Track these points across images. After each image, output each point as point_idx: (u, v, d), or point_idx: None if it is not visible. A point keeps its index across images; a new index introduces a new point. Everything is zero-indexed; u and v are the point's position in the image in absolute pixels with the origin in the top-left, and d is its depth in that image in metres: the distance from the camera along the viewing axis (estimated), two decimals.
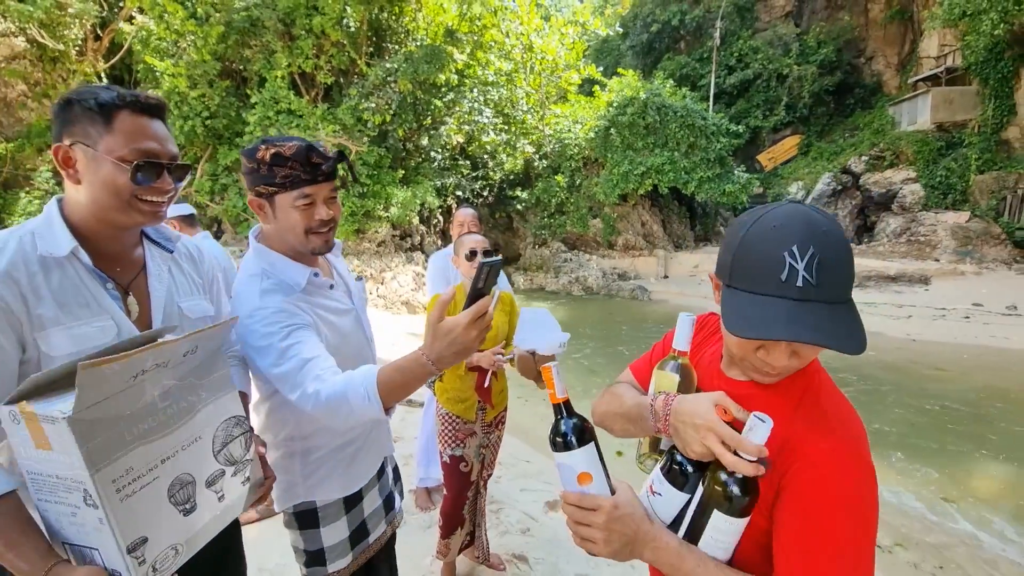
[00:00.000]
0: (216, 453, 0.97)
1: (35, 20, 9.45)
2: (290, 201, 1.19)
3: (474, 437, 2.25)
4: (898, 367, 6.84)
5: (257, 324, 1.16)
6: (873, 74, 18.81)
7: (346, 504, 1.40)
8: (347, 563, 1.41)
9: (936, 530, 3.36)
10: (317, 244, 1.25)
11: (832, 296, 0.70)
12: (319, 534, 1.38)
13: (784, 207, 0.76)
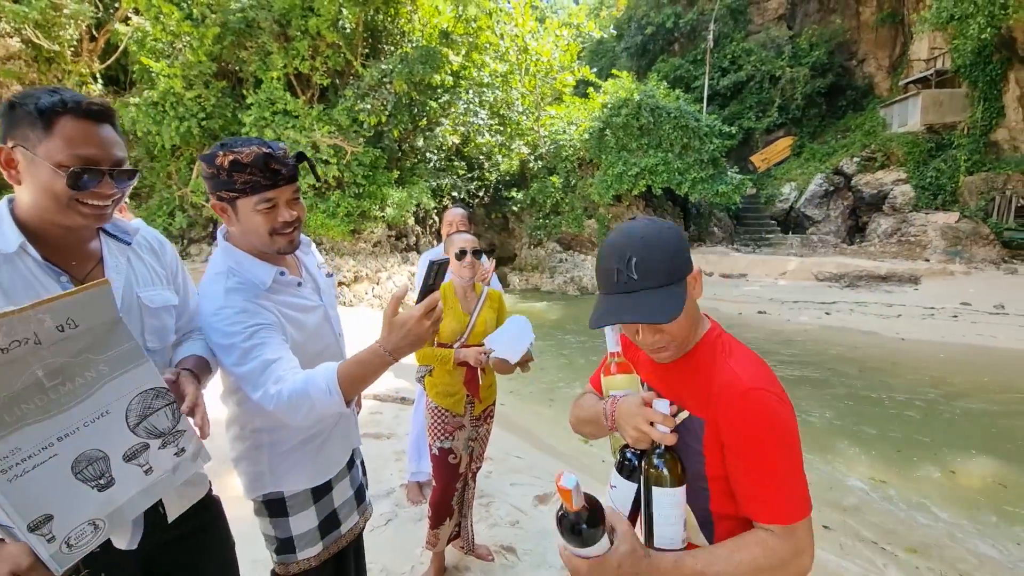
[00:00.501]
0: (133, 427, 0.96)
1: (30, 21, 9.47)
2: (251, 205, 1.21)
3: (463, 430, 2.32)
4: (884, 365, 6.94)
5: (221, 323, 1.18)
6: (864, 76, 18.99)
7: (314, 494, 1.42)
8: (318, 551, 1.42)
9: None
10: (282, 244, 1.27)
11: (654, 283, 0.94)
12: (288, 522, 1.39)
13: (622, 225, 1.00)
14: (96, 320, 0.91)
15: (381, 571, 2.38)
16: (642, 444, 0.96)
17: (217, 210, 1.26)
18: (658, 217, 1.06)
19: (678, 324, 0.96)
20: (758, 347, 8.13)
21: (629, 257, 0.94)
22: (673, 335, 0.97)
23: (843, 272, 12.45)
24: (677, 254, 0.96)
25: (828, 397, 5.71)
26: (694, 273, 0.99)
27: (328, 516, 1.45)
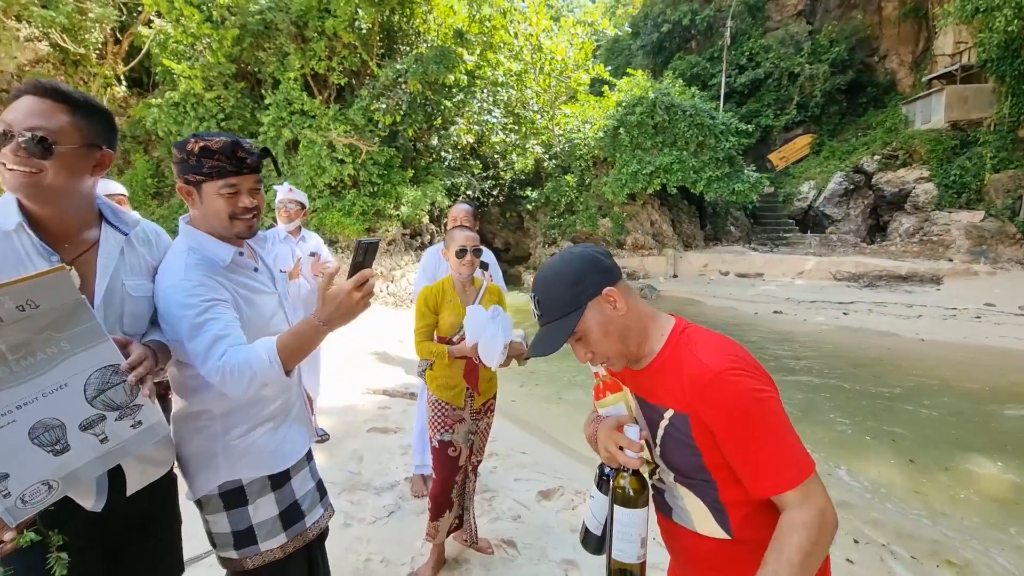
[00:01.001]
0: (91, 399, 1.03)
1: (57, 25, 9.76)
2: (215, 189, 1.29)
3: (463, 423, 2.35)
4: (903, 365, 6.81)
5: (177, 295, 1.23)
6: (887, 72, 18.58)
7: (272, 482, 1.41)
8: (281, 543, 1.40)
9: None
10: (240, 228, 1.34)
11: (549, 318, 1.06)
12: (247, 512, 1.38)
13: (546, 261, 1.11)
14: (57, 301, 0.98)
15: (382, 561, 2.43)
16: (613, 464, 1.05)
17: (183, 193, 1.33)
18: (590, 244, 1.14)
19: (602, 342, 1.06)
20: (771, 347, 8.04)
21: (534, 295, 1.08)
22: (603, 352, 1.07)
23: (862, 272, 12.22)
24: (577, 283, 1.04)
25: (842, 398, 5.62)
26: (606, 293, 1.04)
27: (290, 507, 1.44)
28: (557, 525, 2.88)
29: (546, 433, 4.65)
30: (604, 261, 1.07)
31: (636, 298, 1.11)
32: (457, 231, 2.35)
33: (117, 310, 1.22)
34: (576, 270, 1.04)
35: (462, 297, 2.36)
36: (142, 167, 12.13)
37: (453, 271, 2.35)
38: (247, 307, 1.35)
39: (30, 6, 9.37)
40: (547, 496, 3.23)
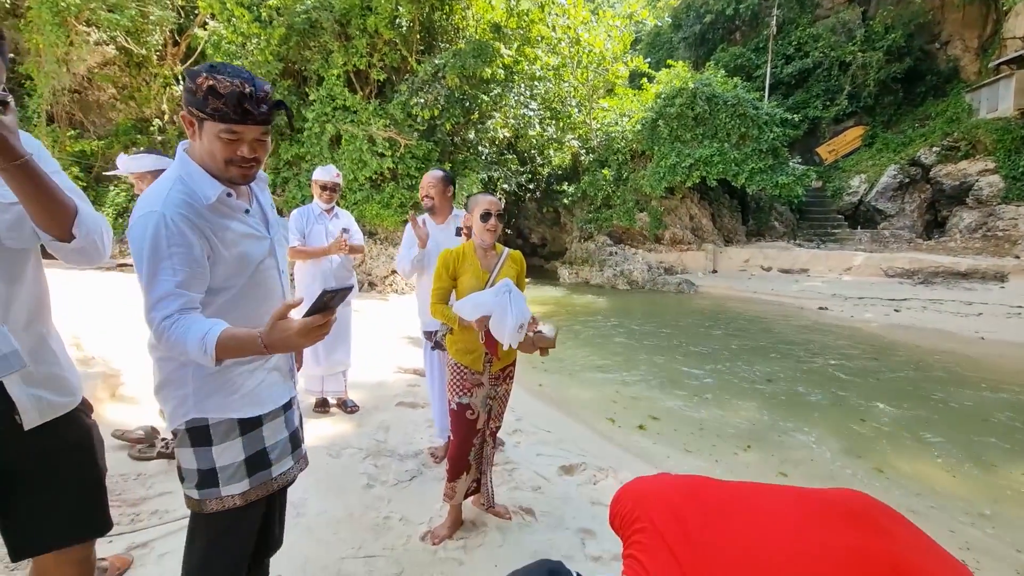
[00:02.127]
0: None
1: (122, 27, 10.42)
2: (216, 131, 1.24)
3: (481, 388, 2.37)
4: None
5: (147, 226, 1.21)
6: (949, 59, 17.47)
7: (241, 426, 1.37)
8: (243, 489, 1.36)
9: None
10: (235, 174, 1.30)
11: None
12: (211, 452, 1.34)
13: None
14: None
15: (400, 520, 2.50)
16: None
17: (185, 122, 1.29)
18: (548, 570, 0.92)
19: None
20: (812, 341, 7.73)
21: None
22: None
23: (916, 268, 11.57)
24: None
25: (894, 396, 5.36)
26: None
27: (256, 454, 1.40)
28: (577, 497, 2.89)
29: (573, 414, 4.64)
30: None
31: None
32: (481, 196, 2.37)
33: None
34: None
35: (483, 262, 2.37)
36: None
37: (476, 236, 2.36)
38: (228, 250, 1.31)
39: (98, 10, 10.03)
40: (569, 471, 3.24)
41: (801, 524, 0.85)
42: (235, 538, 1.39)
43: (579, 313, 10.06)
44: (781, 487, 0.94)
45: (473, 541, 2.34)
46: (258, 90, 1.24)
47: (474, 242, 2.40)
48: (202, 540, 1.38)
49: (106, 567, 1.89)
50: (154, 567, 2.01)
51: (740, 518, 0.86)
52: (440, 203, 3.13)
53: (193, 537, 1.40)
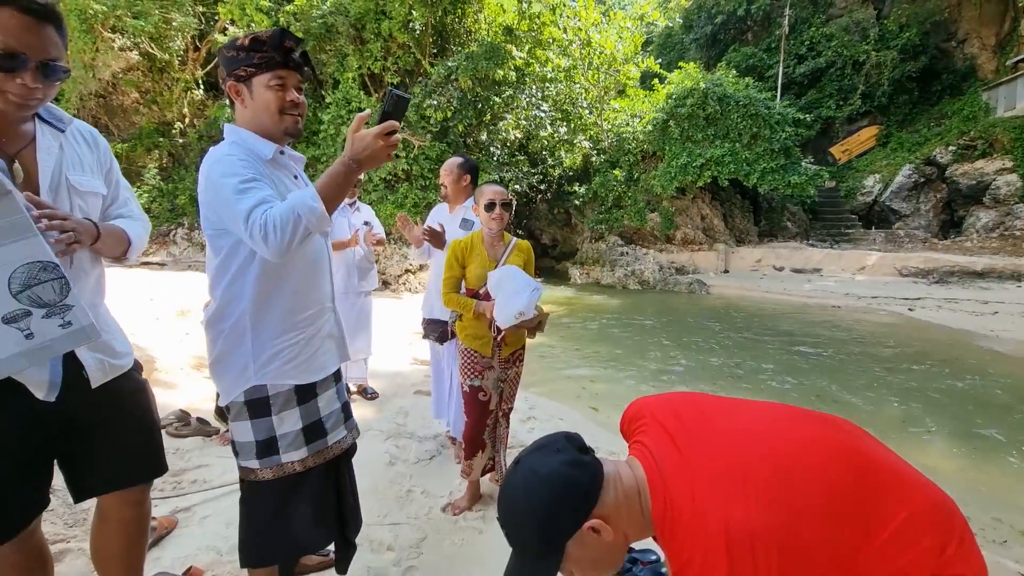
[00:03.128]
0: (16, 294, 1.04)
1: (146, 33, 10.76)
2: (265, 81, 1.35)
3: (492, 371, 2.44)
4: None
5: (220, 169, 1.29)
6: (965, 57, 17.29)
7: (299, 395, 1.44)
8: (302, 456, 1.43)
9: None
10: (288, 123, 1.40)
11: (522, 553, 0.90)
12: (271, 422, 1.41)
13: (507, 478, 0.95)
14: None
15: (423, 493, 2.63)
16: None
17: (232, 92, 1.39)
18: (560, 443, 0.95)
19: (591, 572, 0.92)
20: (823, 336, 7.74)
21: (502, 524, 0.92)
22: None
23: (931, 267, 11.50)
24: (548, 523, 0.87)
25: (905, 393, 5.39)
26: (590, 526, 0.88)
27: (313, 423, 1.47)
28: None
29: (583, 407, 4.75)
30: (580, 480, 0.89)
31: (623, 491, 0.92)
32: (486, 186, 2.41)
33: (64, 204, 1.26)
34: (549, 505, 0.87)
35: (490, 252, 2.43)
36: None
37: (483, 225, 2.42)
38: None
39: (124, 17, 10.37)
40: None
41: (777, 417, 0.98)
42: (298, 504, 1.47)
43: (590, 312, 10.15)
44: (770, 403, 1.07)
45: (491, 512, 2.47)
46: (289, 33, 1.38)
47: (482, 231, 2.46)
48: (264, 509, 1.45)
49: (155, 526, 2.05)
50: (197, 528, 2.17)
51: (727, 414, 0.99)
52: (453, 191, 3.00)
53: (253, 505, 1.48)
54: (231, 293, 1.39)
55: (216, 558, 1.98)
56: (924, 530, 0.87)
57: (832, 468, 0.88)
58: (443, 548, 2.18)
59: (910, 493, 0.90)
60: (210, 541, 2.08)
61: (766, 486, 0.84)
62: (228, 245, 1.37)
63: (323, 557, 2.00)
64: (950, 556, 0.86)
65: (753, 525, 0.80)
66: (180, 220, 12.98)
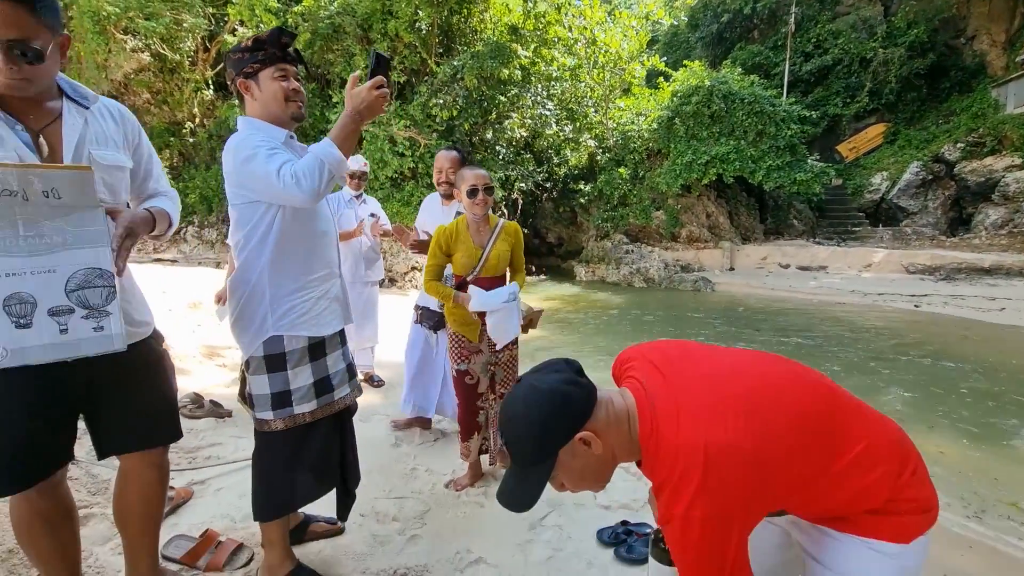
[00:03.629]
0: (68, 291, 1.12)
1: (158, 34, 10.95)
2: (270, 74, 1.57)
3: (480, 355, 2.47)
4: None
5: (247, 144, 1.48)
6: (974, 54, 17.18)
7: (311, 352, 1.63)
8: (312, 408, 1.62)
9: None
10: (294, 108, 1.62)
11: (519, 464, 0.99)
12: (287, 375, 1.59)
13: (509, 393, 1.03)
14: (78, 199, 1.11)
15: (427, 471, 2.72)
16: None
17: (243, 89, 1.60)
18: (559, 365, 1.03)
19: (579, 483, 1.01)
20: (828, 332, 7.74)
21: (503, 435, 1.00)
22: (577, 490, 1.04)
23: (938, 264, 11.45)
24: (544, 432, 0.95)
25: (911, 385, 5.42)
26: (581, 437, 0.95)
27: (322, 379, 1.66)
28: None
29: None
30: (575, 395, 0.97)
31: (614, 413, 1.00)
32: (467, 170, 2.33)
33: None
34: (545, 416, 0.95)
35: (475, 237, 2.39)
36: None
37: (466, 211, 2.37)
38: None
39: (136, 18, 10.56)
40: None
41: (757, 358, 1.09)
42: (308, 451, 1.66)
43: (594, 308, 10.21)
44: (751, 350, 1.17)
45: (492, 489, 2.55)
46: (285, 30, 1.60)
47: (466, 216, 2.40)
48: (279, 456, 1.63)
49: (172, 496, 2.15)
50: (212, 498, 2.27)
51: (710, 353, 1.09)
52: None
53: (267, 456, 1.65)
54: (253, 257, 1.58)
55: (230, 524, 2.08)
56: (882, 457, 0.97)
57: (804, 399, 0.98)
58: (446, 519, 2.27)
59: (871, 426, 1.00)
60: (224, 510, 2.18)
61: (745, 412, 0.93)
62: (254, 217, 1.57)
63: (330, 525, 2.09)
64: (905, 481, 0.97)
65: (729, 444, 0.89)
66: (190, 218, 13.16)
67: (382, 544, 2.07)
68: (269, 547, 1.72)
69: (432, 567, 1.95)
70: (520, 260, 2.54)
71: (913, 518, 0.98)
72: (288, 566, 1.74)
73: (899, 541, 0.98)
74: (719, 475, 0.88)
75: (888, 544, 0.97)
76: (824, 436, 0.96)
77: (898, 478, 0.97)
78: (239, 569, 1.84)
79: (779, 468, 0.91)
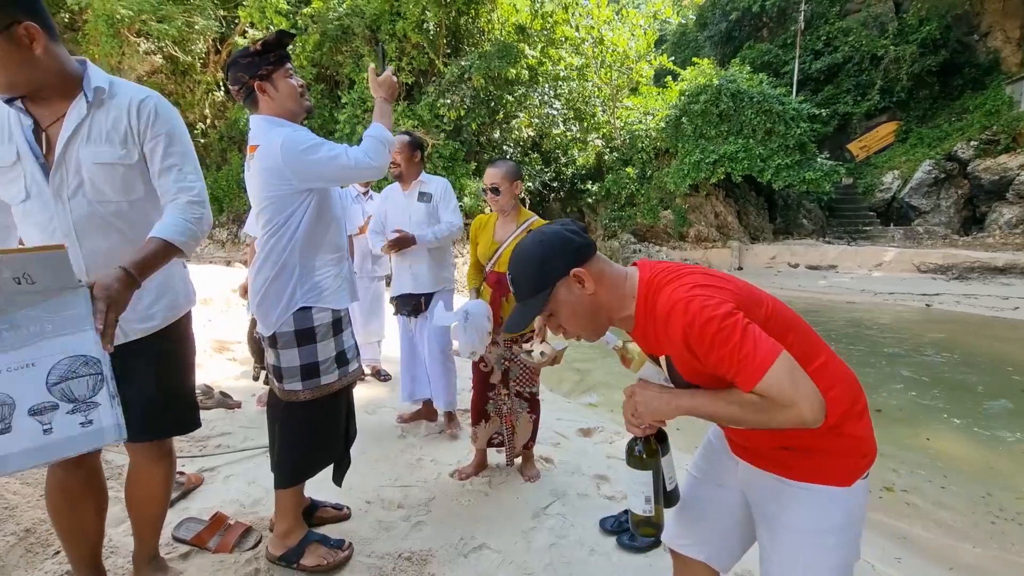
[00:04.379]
0: (50, 386, 0.98)
1: (170, 37, 11.12)
2: (283, 73, 1.72)
3: (496, 346, 2.50)
4: None
5: (296, 137, 1.65)
6: (988, 51, 16.95)
7: (334, 328, 1.79)
8: (335, 379, 1.78)
9: None
10: (307, 103, 1.80)
11: (520, 296, 1.12)
12: (315, 349, 1.74)
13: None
14: (54, 282, 0.98)
15: (432, 461, 2.75)
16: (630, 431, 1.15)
17: (260, 91, 1.71)
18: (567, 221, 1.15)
19: (572, 321, 1.11)
20: (835, 331, 7.68)
21: (509, 274, 1.14)
22: (573, 329, 1.14)
23: (951, 263, 11.32)
24: (544, 263, 1.07)
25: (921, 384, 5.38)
26: (574, 274, 1.06)
27: (340, 353, 1.82)
28: (594, 451, 3.10)
29: (590, 391, 4.84)
30: (574, 240, 1.08)
31: (609, 269, 1.11)
32: (487, 168, 2.49)
33: (75, 178, 1.30)
34: (545, 250, 1.08)
35: (499, 231, 2.49)
36: (236, 163, 13.44)
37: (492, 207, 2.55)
38: None
39: (149, 21, 10.73)
40: (587, 433, 3.45)
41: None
42: (332, 418, 1.83)
43: None
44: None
45: (497, 479, 2.58)
46: (285, 32, 1.76)
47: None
48: (303, 425, 1.78)
49: (183, 481, 2.20)
50: (221, 484, 2.32)
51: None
52: (407, 169, 2.99)
53: (292, 425, 1.78)
54: (284, 237, 1.72)
55: (239, 509, 2.13)
56: (839, 379, 1.08)
57: (787, 309, 1.13)
58: (450, 507, 2.30)
59: (832, 354, 1.13)
60: (233, 495, 2.23)
61: (738, 286, 1.08)
62: (292, 204, 1.71)
63: (337, 511, 2.13)
64: (855, 414, 1.09)
65: (720, 289, 1.02)
66: None
67: (387, 529, 2.10)
68: (283, 515, 1.81)
69: (436, 552, 1.98)
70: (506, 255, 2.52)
71: (853, 460, 1.07)
72: (300, 533, 1.83)
73: (841, 484, 1.07)
74: (710, 278, 1.04)
75: (832, 488, 1.07)
76: (801, 335, 1.08)
77: (850, 407, 1.07)
78: (248, 551, 1.88)
79: (759, 318, 1.02)
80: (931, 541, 2.73)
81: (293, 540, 1.80)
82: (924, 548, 2.67)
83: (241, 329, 5.19)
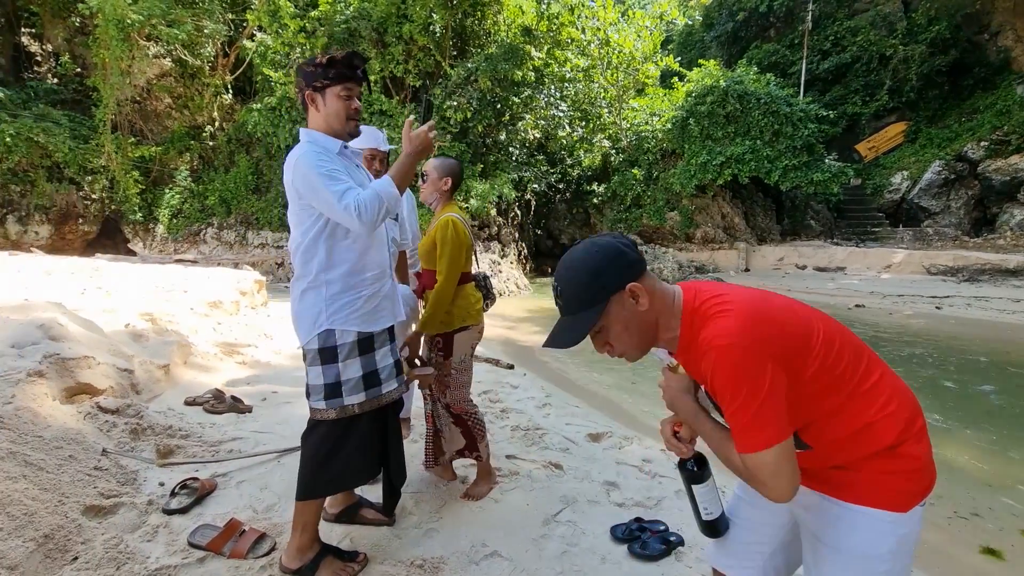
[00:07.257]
0: None
1: (179, 40, 11.21)
2: (337, 91, 1.69)
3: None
4: None
5: (308, 161, 1.61)
6: (999, 50, 16.79)
7: (360, 347, 1.74)
8: (360, 400, 1.73)
9: None
10: (352, 127, 1.75)
11: (569, 311, 1.07)
12: (337, 368, 1.70)
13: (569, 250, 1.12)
14: None
15: None
16: (675, 453, 1.20)
17: (309, 100, 1.72)
18: (616, 234, 1.12)
19: (623, 337, 1.08)
20: None
21: (556, 286, 1.09)
22: (622, 347, 1.10)
23: (961, 265, 11.22)
24: (600, 276, 1.03)
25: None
26: (630, 289, 1.04)
27: (370, 373, 1.76)
28: (603, 457, 3.09)
29: (598, 395, 4.84)
30: (629, 254, 1.05)
31: (660, 287, 1.09)
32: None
33: None
34: (600, 263, 1.04)
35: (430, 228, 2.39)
36: (244, 165, 13.53)
37: None
38: (361, 185, 1.74)
39: (159, 25, 10.82)
40: (596, 438, 3.44)
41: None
42: (352, 440, 1.78)
43: None
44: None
45: (507, 486, 2.58)
46: (358, 52, 1.76)
47: None
48: (325, 442, 1.75)
49: (197, 487, 2.22)
50: (234, 490, 2.33)
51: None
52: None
53: (315, 440, 1.76)
54: (308, 256, 1.71)
55: (253, 515, 2.14)
56: (893, 396, 1.04)
57: (839, 327, 1.10)
58: (461, 514, 2.30)
59: (891, 372, 1.09)
60: (247, 501, 2.24)
61: (785, 305, 1.06)
62: (309, 218, 1.69)
63: (379, 515, 2.16)
64: (913, 434, 1.03)
65: (768, 310, 1.02)
66: (209, 220, 13.42)
67: (399, 536, 2.11)
68: (301, 529, 1.79)
69: (448, 559, 1.98)
70: (443, 258, 2.22)
71: (911, 484, 1.03)
72: (315, 548, 1.82)
73: (896, 510, 1.02)
74: (756, 324, 0.98)
75: (886, 512, 1.02)
76: (853, 350, 1.05)
77: (908, 425, 1.03)
78: (261, 557, 1.89)
79: (811, 355, 1.00)
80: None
81: (308, 555, 1.80)
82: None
83: (250, 332, 5.24)
